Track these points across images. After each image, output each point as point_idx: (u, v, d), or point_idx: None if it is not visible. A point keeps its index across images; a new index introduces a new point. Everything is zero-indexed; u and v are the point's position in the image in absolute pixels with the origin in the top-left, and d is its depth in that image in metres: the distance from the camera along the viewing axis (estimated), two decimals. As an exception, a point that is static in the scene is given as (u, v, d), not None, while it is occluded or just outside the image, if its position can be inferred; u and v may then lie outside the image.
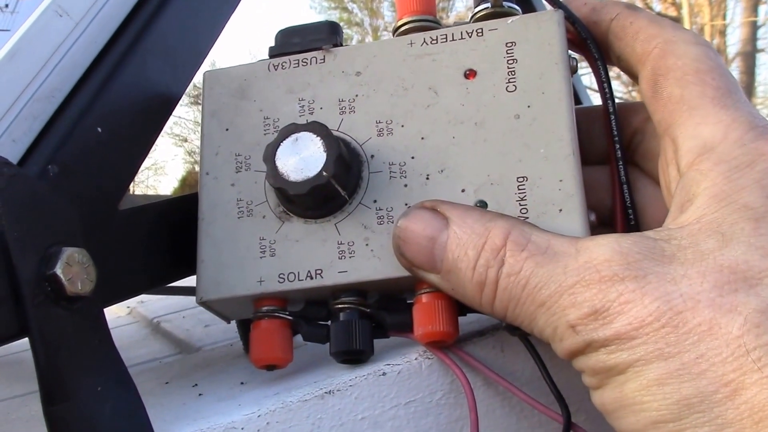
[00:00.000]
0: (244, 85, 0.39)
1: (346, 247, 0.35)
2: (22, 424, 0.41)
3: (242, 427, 0.32)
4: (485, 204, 0.34)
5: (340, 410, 0.33)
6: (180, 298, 0.76)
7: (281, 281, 0.35)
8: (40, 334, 0.30)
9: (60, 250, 0.31)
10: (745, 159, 0.29)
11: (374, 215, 0.35)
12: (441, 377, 0.35)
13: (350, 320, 0.35)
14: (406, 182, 0.35)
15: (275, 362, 0.36)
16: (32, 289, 0.30)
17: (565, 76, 0.35)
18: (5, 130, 0.33)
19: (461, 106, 0.36)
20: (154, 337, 0.66)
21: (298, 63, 0.39)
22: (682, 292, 0.27)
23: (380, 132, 0.36)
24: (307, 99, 0.38)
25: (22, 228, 0.30)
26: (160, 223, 0.39)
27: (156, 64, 0.39)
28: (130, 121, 0.37)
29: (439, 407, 0.35)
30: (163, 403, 0.37)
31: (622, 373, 0.27)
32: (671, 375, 0.26)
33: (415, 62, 0.37)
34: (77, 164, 0.34)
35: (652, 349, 0.27)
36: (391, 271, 0.34)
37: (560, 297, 0.29)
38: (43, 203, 0.31)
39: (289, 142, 0.35)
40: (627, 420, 0.28)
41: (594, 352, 0.28)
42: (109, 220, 0.35)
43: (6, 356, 0.71)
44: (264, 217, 0.37)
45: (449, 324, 0.34)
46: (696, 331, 0.26)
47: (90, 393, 0.30)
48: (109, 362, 0.32)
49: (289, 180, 0.34)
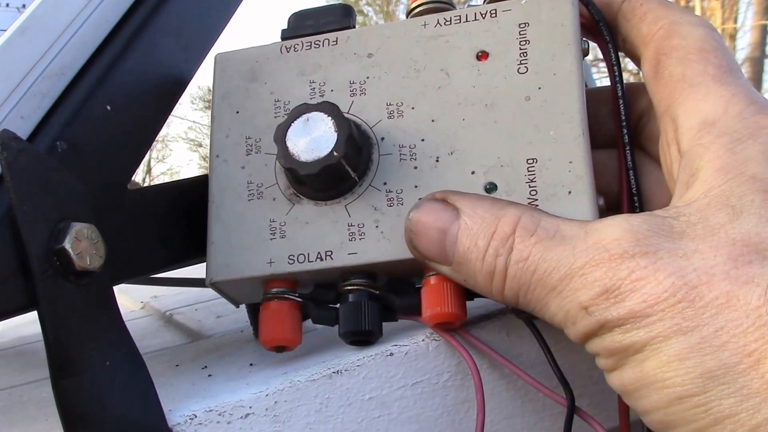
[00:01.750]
0: (255, 67, 0.39)
1: (356, 228, 0.35)
2: (33, 405, 0.40)
3: (250, 406, 0.32)
4: (495, 186, 0.34)
5: (348, 390, 0.33)
6: (193, 292, 0.76)
7: (291, 262, 0.35)
8: (49, 308, 0.30)
9: (69, 225, 0.30)
10: (747, 132, 0.29)
11: (384, 197, 0.35)
12: (448, 359, 0.35)
13: (359, 301, 0.34)
14: (416, 164, 0.35)
15: (284, 343, 0.35)
16: (41, 263, 0.30)
17: (577, 57, 0.35)
18: (14, 107, 0.33)
19: (472, 88, 0.35)
20: (166, 328, 0.66)
21: (310, 45, 0.38)
22: (696, 266, 0.26)
23: (390, 114, 0.36)
24: (318, 81, 0.37)
25: (31, 202, 0.30)
26: (171, 204, 0.38)
27: (167, 44, 0.38)
28: (140, 100, 0.37)
29: (445, 389, 0.35)
30: (173, 383, 0.36)
31: (639, 351, 0.27)
32: (692, 349, 0.26)
33: (428, 44, 0.37)
34: (86, 142, 0.34)
35: (669, 324, 0.26)
36: (401, 252, 0.34)
37: (571, 280, 0.28)
38: (52, 178, 0.31)
39: (300, 123, 0.34)
40: (649, 399, 0.27)
41: (608, 332, 0.27)
42: (118, 198, 0.35)
43: (20, 346, 0.71)
44: (274, 199, 0.36)
45: (457, 306, 0.33)
46: (714, 305, 0.26)
47: (99, 367, 0.30)
48: (117, 338, 0.31)
49: (300, 160, 0.33)
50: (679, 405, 0.26)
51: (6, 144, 0.30)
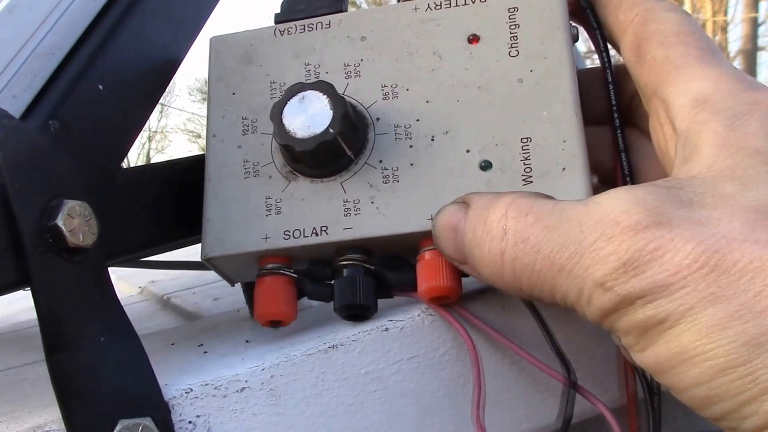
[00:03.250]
0: (250, 50, 0.39)
1: (351, 204, 0.34)
2: (29, 383, 0.40)
3: (246, 380, 0.31)
4: (490, 164, 0.34)
5: (343, 364, 0.33)
6: (191, 277, 0.76)
7: (286, 238, 0.35)
8: (42, 285, 0.29)
9: (61, 202, 0.30)
10: (742, 108, 0.28)
11: (380, 174, 0.35)
12: (444, 334, 0.34)
13: (354, 276, 0.34)
14: (411, 143, 0.35)
15: (279, 317, 0.35)
16: (33, 240, 0.29)
17: (567, 41, 0.35)
18: (5, 86, 0.32)
19: (465, 70, 0.35)
20: (163, 311, 0.66)
21: (303, 28, 0.38)
22: (714, 232, 0.25)
23: (386, 95, 0.36)
24: (313, 63, 0.37)
25: (23, 180, 0.30)
26: (165, 183, 0.38)
27: (156, 24, 0.38)
28: (131, 80, 0.37)
29: (441, 363, 0.34)
30: (169, 360, 0.36)
31: (674, 325, 0.25)
32: (732, 317, 0.24)
33: (420, 27, 0.37)
34: (78, 121, 0.33)
35: (704, 294, 0.25)
36: (396, 227, 0.34)
37: (581, 257, 0.27)
38: (44, 156, 0.30)
39: (296, 101, 0.34)
40: (689, 374, 0.25)
41: (630, 306, 0.26)
42: (111, 177, 0.35)
43: (18, 331, 0.71)
44: (270, 177, 0.36)
45: (452, 280, 0.33)
46: (748, 269, 0.24)
47: (92, 343, 0.30)
48: (111, 314, 0.31)
49: (296, 137, 0.33)
50: (724, 377, 0.25)
51: (-3, 121, 0.29)
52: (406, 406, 0.33)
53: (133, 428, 0.29)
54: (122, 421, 0.29)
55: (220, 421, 0.31)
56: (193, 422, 0.30)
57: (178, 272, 0.85)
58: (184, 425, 0.30)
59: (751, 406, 0.24)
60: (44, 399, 0.33)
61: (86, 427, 0.29)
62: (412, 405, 0.34)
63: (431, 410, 0.34)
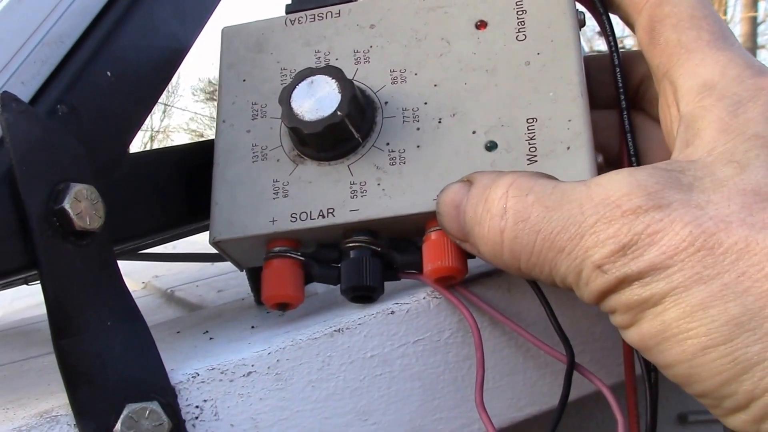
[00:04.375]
0: (261, 39, 0.39)
1: (358, 187, 0.34)
2: (34, 372, 0.40)
3: (252, 364, 0.31)
4: (495, 144, 0.34)
5: (349, 348, 0.32)
6: (194, 270, 0.76)
7: (293, 220, 0.34)
8: (49, 267, 0.29)
9: (68, 185, 0.30)
10: (746, 94, 0.28)
11: (387, 157, 0.35)
12: (449, 316, 0.34)
13: (361, 257, 0.34)
14: (418, 126, 0.35)
15: (287, 299, 0.34)
16: (40, 224, 0.29)
17: (573, 25, 0.35)
18: (14, 72, 0.32)
19: (473, 54, 0.36)
20: (168, 305, 0.65)
21: (314, 17, 0.39)
22: (711, 215, 0.25)
23: (394, 80, 0.36)
24: (323, 51, 0.38)
25: (31, 163, 0.29)
26: (172, 168, 0.38)
27: (164, 13, 0.38)
28: (139, 68, 0.36)
29: (447, 346, 0.34)
30: (175, 347, 0.36)
31: (658, 303, 0.26)
32: (714, 297, 0.24)
33: (428, 14, 0.37)
34: (86, 106, 0.33)
35: (689, 274, 0.25)
36: (402, 208, 0.33)
37: (581, 239, 0.27)
38: (52, 140, 0.30)
39: (305, 85, 0.34)
40: (671, 352, 0.26)
41: (627, 287, 0.26)
42: (117, 161, 0.34)
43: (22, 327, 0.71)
44: (278, 160, 0.36)
45: (458, 260, 0.32)
46: (733, 250, 0.25)
47: (99, 327, 0.30)
48: (118, 298, 0.31)
49: (304, 120, 0.33)
50: (704, 356, 0.25)
51: (6, 105, 0.29)
52: (412, 389, 0.33)
53: (140, 412, 0.29)
54: (129, 405, 0.29)
55: (226, 405, 0.31)
56: (200, 406, 0.30)
57: (182, 267, 0.85)
58: (191, 410, 0.30)
59: (731, 386, 0.24)
60: (50, 387, 0.33)
61: (93, 412, 0.28)
62: (418, 388, 0.33)
63: (437, 393, 0.34)
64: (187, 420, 0.30)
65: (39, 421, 0.28)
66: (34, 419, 0.28)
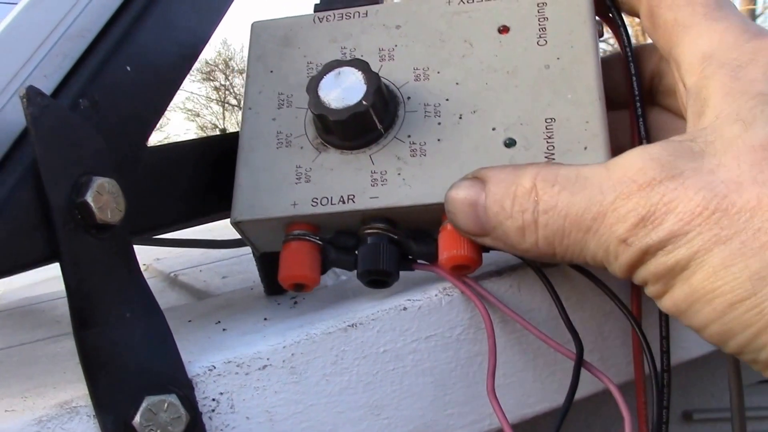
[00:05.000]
0: (289, 34, 0.40)
1: (378, 175, 0.35)
2: (48, 359, 0.40)
3: (268, 357, 0.31)
4: (514, 141, 0.35)
5: (362, 343, 0.33)
6: (196, 255, 0.76)
7: (314, 205, 0.35)
8: (71, 259, 0.29)
9: (91, 179, 0.30)
10: (745, 58, 0.29)
11: (408, 148, 0.35)
12: (461, 313, 0.34)
13: (378, 242, 0.34)
14: (439, 121, 0.36)
15: (304, 280, 0.35)
16: (63, 216, 0.29)
17: (593, 34, 0.36)
18: (37, 66, 0.32)
19: (495, 56, 0.37)
20: (171, 289, 0.65)
21: (342, 16, 0.40)
22: (723, 178, 0.26)
23: (417, 77, 0.37)
24: (349, 47, 0.39)
25: (54, 156, 0.30)
26: (190, 160, 0.38)
27: (181, 9, 0.38)
28: (158, 62, 0.37)
29: (458, 342, 0.34)
30: (189, 338, 0.36)
31: (685, 268, 0.27)
32: (735, 255, 0.26)
33: (452, 18, 0.38)
34: (107, 100, 0.33)
35: (708, 237, 0.26)
36: (421, 197, 0.34)
37: (604, 217, 0.28)
38: (75, 133, 0.30)
39: (332, 76, 0.35)
40: (703, 312, 0.27)
41: (652, 257, 0.27)
42: (137, 155, 0.35)
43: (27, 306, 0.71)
44: (302, 147, 0.37)
45: (473, 250, 0.33)
46: (746, 209, 0.26)
47: (119, 319, 0.30)
48: (137, 291, 0.31)
49: (331, 107, 0.34)
50: (733, 312, 0.26)
51: (31, 99, 0.29)
52: (424, 384, 0.34)
53: (159, 405, 0.29)
54: (148, 397, 0.29)
55: (242, 398, 0.31)
56: (216, 399, 0.31)
57: (182, 250, 0.84)
58: (208, 402, 0.30)
59: (763, 337, 0.26)
60: (66, 375, 0.33)
61: (113, 403, 0.29)
62: (430, 383, 0.34)
63: (448, 388, 0.34)
64: (204, 412, 0.30)
65: (59, 412, 0.28)
66: (54, 410, 0.28)
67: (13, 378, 0.36)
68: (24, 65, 0.32)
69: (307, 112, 0.37)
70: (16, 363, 0.41)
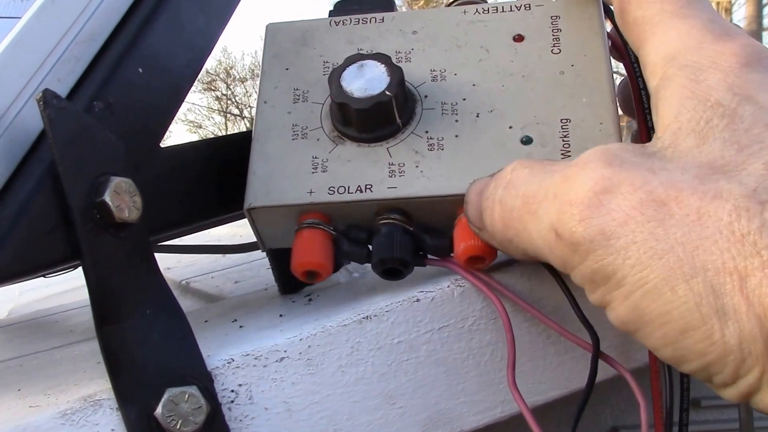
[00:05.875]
0: (305, 35, 0.40)
1: (396, 167, 0.35)
2: (67, 362, 0.41)
3: (285, 350, 0.32)
4: (531, 139, 0.35)
5: (377, 334, 0.33)
6: (206, 263, 0.77)
7: (331, 193, 0.35)
8: (91, 258, 0.30)
9: (108, 179, 0.31)
10: (706, 61, 0.28)
11: (425, 143, 0.36)
12: (472, 304, 0.35)
13: (393, 231, 0.34)
14: (457, 118, 0.36)
15: (317, 268, 0.34)
16: (82, 216, 0.30)
17: (604, 44, 0.37)
18: (50, 70, 0.33)
19: (510, 62, 0.38)
20: (184, 296, 0.66)
21: (358, 21, 0.40)
22: (662, 180, 0.25)
23: (434, 78, 0.38)
24: (365, 49, 0.39)
25: (72, 157, 0.30)
26: (203, 160, 0.39)
27: (190, 10, 0.39)
28: (168, 64, 0.37)
29: (471, 332, 0.35)
30: (207, 336, 0.36)
31: (623, 284, 0.25)
32: (675, 275, 0.24)
33: (468, 27, 0.39)
34: (121, 102, 0.34)
35: (644, 249, 0.24)
36: (439, 189, 0.34)
37: (545, 200, 0.27)
38: (92, 135, 0.31)
39: (355, 67, 0.36)
40: (655, 336, 0.25)
41: (583, 258, 0.26)
42: (151, 155, 0.35)
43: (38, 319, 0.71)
44: (318, 139, 0.37)
45: None
46: (685, 222, 0.24)
47: (140, 315, 0.30)
48: (156, 288, 0.32)
49: (354, 96, 0.35)
50: (685, 339, 0.24)
51: (48, 102, 0.30)
52: (437, 374, 0.34)
53: (180, 396, 0.29)
54: (169, 389, 0.29)
55: (261, 389, 0.31)
56: (235, 391, 0.31)
57: (192, 259, 0.85)
58: (227, 394, 0.31)
59: (715, 367, 0.24)
60: (87, 373, 0.33)
61: (136, 396, 0.29)
62: (443, 373, 0.34)
63: (461, 377, 0.34)
64: (224, 403, 0.31)
65: (83, 405, 0.29)
66: (78, 403, 0.29)
67: (34, 380, 0.37)
68: (38, 70, 0.33)
69: (323, 107, 0.37)
70: (36, 366, 0.42)
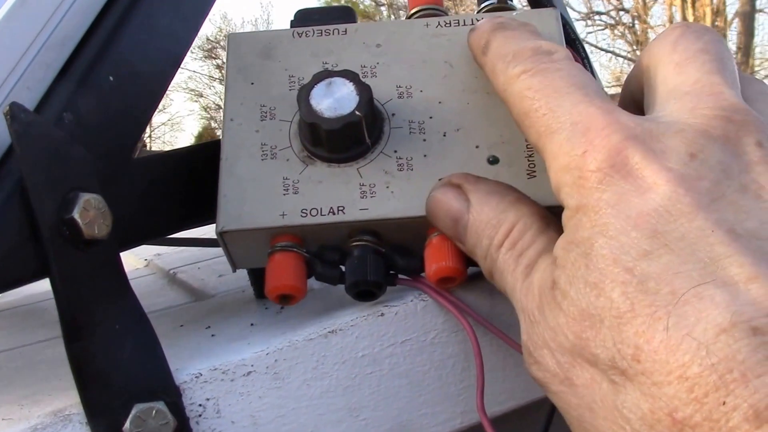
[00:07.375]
0: (268, 46, 0.39)
1: (367, 188, 0.35)
2: (45, 365, 0.41)
3: (252, 364, 0.32)
4: (497, 159, 0.35)
5: (342, 348, 0.34)
6: (195, 251, 0.76)
7: (304, 215, 0.35)
8: (60, 274, 0.30)
9: (77, 195, 0.30)
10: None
11: (395, 163, 0.36)
12: (434, 318, 0.35)
13: (365, 254, 0.34)
14: (424, 137, 0.36)
15: (291, 291, 0.34)
16: (51, 233, 0.30)
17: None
18: (20, 78, 0.32)
19: (474, 78, 0.37)
20: (170, 287, 0.66)
21: (321, 33, 0.39)
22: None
23: (401, 95, 0.37)
24: (330, 63, 0.38)
25: (41, 173, 0.30)
26: (175, 171, 0.38)
27: (163, 14, 0.38)
28: (141, 70, 0.36)
29: (432, 345, 0.35)
30: (179, 344, 0.37)
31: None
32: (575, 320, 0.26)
33: (432, 40, 0.39)
34: (91, 112, 0.33)
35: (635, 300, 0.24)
36: (410, 210, 0.34)
37: None
38: (61, 149, 0.30)
39: (323, 85, 0.35)
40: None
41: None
42: (123, 167, 0.35)
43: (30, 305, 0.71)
44: (288, 160, 0.36)
45: (459, 261, 0.34)
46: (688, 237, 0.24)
47: (109, 331, 0.30)
48: (125, 302, 0.31)
49: (324, 116, 0.34)
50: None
51: (16, 116, 0.29)
52: (400, 386, 0.35)
53: (148, 412, 0.30)
54: (137, 405, 0.30)
55: (228, 403, 0.32)
56: (203, 405, 0.31)
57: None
58: (195, 408, 0.31)
59: None
60: (62, 382, 0.33)
61: (104, 411, 0.29)
62: (405, 385, 0.35)
63: (423, 389, 0.35)
64: (191, 418, 0.31)
65: (53, 420, 0.29)
66: (48, 418, 0.29)
67: (12, 386, 0.37)
68: (6, 78, 0.32)
69: (291, 125, 0.37)
70: (17, 369, 0.42)
